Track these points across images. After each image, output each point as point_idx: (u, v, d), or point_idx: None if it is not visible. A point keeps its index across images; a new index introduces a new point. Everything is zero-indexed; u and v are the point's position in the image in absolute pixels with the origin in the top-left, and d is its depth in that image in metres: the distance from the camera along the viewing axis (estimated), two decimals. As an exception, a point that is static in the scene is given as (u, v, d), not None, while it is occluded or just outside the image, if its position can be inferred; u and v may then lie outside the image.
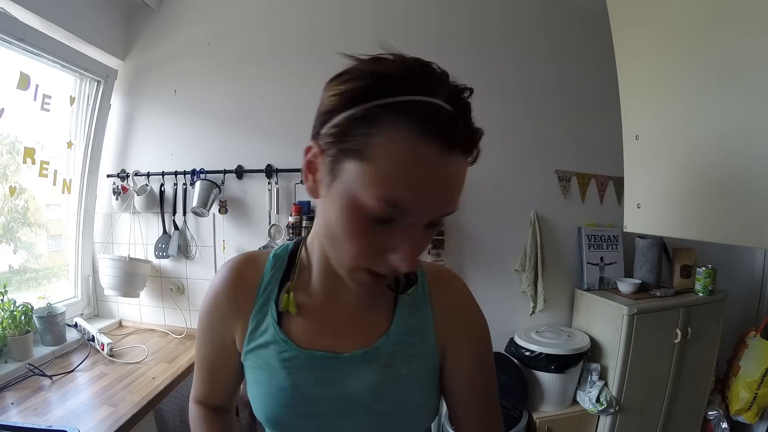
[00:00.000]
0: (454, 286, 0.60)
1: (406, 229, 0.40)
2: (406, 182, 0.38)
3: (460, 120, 0.39)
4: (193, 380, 0.66)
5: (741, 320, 2.03)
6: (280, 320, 0.55)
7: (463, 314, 0.58)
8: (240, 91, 1.72)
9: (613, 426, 1.60)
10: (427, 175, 0.38)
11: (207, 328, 0.60)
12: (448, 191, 0.40)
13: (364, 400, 0.52)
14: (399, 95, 0.37)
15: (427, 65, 0.40)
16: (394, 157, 0.37)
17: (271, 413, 0.54)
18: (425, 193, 0.39)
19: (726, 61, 0.81)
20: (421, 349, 0.55)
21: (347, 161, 0.39)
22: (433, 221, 0.42)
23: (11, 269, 1.54)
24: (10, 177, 1.51)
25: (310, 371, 0.52)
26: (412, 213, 0.39)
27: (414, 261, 0.41)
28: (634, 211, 1.07)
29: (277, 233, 1.69)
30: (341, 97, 0.40)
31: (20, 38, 1.32)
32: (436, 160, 0.38)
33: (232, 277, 0.58)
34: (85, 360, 1.42)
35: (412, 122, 0.37)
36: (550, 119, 1.78)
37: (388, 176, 0.38)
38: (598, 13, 1.18)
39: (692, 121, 0.90)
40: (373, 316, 0.55)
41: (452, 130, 0.38)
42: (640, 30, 1.01)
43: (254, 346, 0.55)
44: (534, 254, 1.74)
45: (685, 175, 0.93)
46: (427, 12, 1.71)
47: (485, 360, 0.59)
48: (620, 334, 1.56)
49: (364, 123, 0.38)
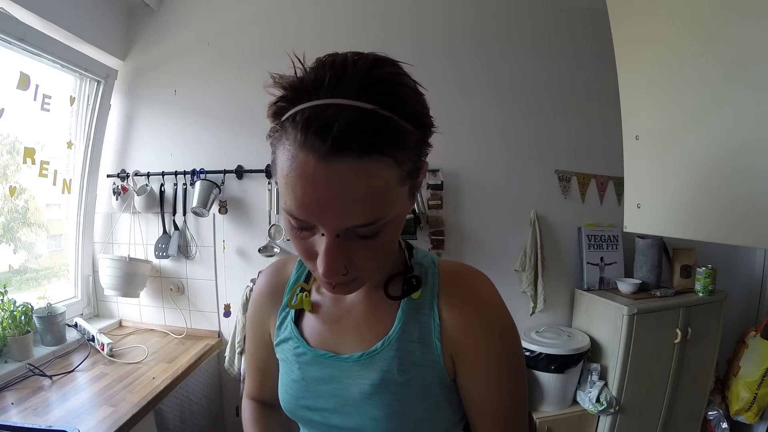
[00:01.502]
0: (471, 288, 0.53)
1: (320, 237, 0.40)
2: (291, 194, 0.38)
3: (343, 115, 0.35)
4: (246, 379, 0.73)
5: (741, 320, 2.03)
6: (298, 318, 0.59)
7: (478, 320, 0.50)
8: (240, 90, 1.72)
9: (613, 426, 1.60)
10: (306, 185, 0.36)
11: (251, 326, 0.67)
12: (335, 201, 0.37)
13: (359, 402, 0.52)
14: (293, 107, 0.38)
15: (324, 63, 0.38)
16: (283, 171, 0.38)
17: (285, 402, 0.58)
18: (311, 204, 0.37)
19: (727, 59, 0.81)
20: (423, 358, 0.51)
21: (274, 166, 0.42)
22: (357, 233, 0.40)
23: (11, 269, 1.54)
24: (10, 177, 1.50)
25: (316, 368, 0.55)
26: (310, 222, 0.39)
27: (329, 269, 0.40)
28: (634, 211, 1.06)
29: (277, 233, 1.69)
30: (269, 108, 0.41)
31: (20, 38, 1.32)
32: (313, 167, 0.35)
33: (268, 280, 0.65)
34: (85, 360, 1.42)
35: (296, 131, 0.36)
36: (551, 119, 1.78)
37: (281, 188, 0.40)
38: (599, 13, 1.18)
39: (692, 120, 0.90)
40: (376, 319, 0.54)
41: (327, 131, 0.34)
42: (639, 28, 1.01)
43: (278, 341, 0.60)
44: (534, 254, 1.74)
45: (685, 175, 0.92)
46: (430, 11, 1.71)
47: (505, 374, 0.51)
48: (620, 334, 1.56)
49: (272, 139, 0.41)
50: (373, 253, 0.42)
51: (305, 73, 0.39)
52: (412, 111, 0.39)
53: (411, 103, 0.39)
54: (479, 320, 0.50)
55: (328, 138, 0.34)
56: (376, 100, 0.36)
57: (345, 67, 0.37)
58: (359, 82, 0.36)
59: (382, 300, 0.53)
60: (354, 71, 0.36)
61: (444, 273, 0.54)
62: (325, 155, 0.35)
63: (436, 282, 0.53)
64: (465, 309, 0.51)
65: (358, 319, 0.55)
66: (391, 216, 0.40)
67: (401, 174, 0.39)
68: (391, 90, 0.38)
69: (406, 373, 0.51)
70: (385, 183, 0.38)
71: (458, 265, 0.56)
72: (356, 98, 0.36)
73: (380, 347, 0.52)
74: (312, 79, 0.37)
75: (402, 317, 0.52)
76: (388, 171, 0.38)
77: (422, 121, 0.41)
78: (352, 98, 0.36)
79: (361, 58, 0.38)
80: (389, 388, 0.51)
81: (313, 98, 0.36)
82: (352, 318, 0.56)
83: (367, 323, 0.54)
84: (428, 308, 0.52)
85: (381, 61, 0.39)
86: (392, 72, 0.39)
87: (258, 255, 1.70)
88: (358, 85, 0.36)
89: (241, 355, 1.61)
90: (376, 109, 0.36)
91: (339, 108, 0.35)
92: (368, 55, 0.38)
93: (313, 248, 0.42)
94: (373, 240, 0.41)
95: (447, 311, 0.51)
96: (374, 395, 0.51)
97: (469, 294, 0.52)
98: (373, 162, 0.36)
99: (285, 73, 0.40)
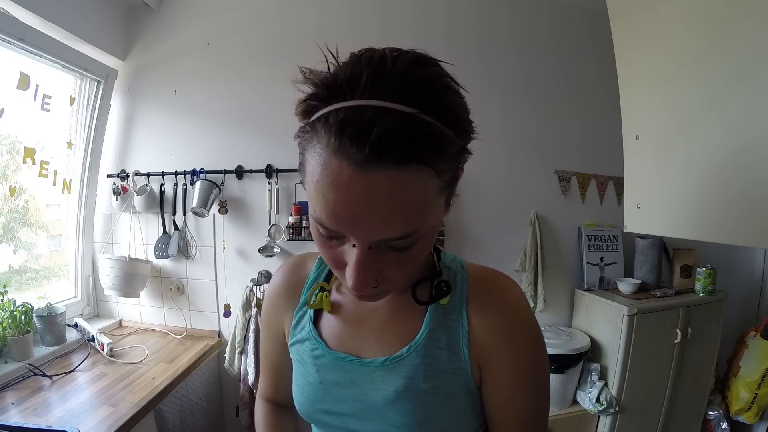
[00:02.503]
0: (501, 295, 0.51)
1: (351, 247, 0.38)
2: (322, 202, 0.35)
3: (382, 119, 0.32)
4: (260, 379, 0.71)
5: (741, 320, 2.03)
6: (316, 319, 0.57)
7: (507, 328, 0.49)
8: (240, 90, 1.72)
9: (613, 426, 1.60)
10: (339, 194, 0.34)
11: (266, 324, 0.64)
12: (370, 213, 0.34)
13: (381, 408, 0.50)
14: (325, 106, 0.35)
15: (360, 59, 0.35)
16: (314, 176, 0.36)
17: (301, 405, 0.56)
18: (344, 214, 0.35)
19: (728, 58, 0.80)
20: (450, 365, 0.49)
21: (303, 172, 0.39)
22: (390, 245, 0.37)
23: (11, 269, 1.54)
24: (10, 177, 1.50)
25: (335, 371, 0.53)
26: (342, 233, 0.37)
27: (360, 282, 0.38)
28: (634, 211, 1.06)
29: (277, 233, 1.69)
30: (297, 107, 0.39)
31: (20, 38, 1.32)
32: (347, 176, 0.33)
33: (284, 277, 0.62)
34: (85, 360, 1.42)
35: (329, 134, 0.33)
36: (551, 119, 1.79)
37: (311, 194, 0.37)
38: (599, 13, 1.18)
39: (692, 120, 0.90)
40: (402, 323, 0.52)
41: (365, 136, 0.31)
42: (639, 24, 1.01)
43: (294, 341, 0.58)
44: (534, 254, 1.74)
45: (685, 175, 0.92)
46: (432, 10, 1.72)
47: (531, 382, 0.50)
48: (620, 334, 1.56)
49: (301, 139, 0.38)
50: (404, 267, 0.40)
51: (339, 69, 0.36)
52: (454, 116, 0.36)
53: (454, 108, 0.36)
54: (509, 327, 0.49)
55: (366, 144, 0.31)
56: (418, 104, 0.33)
57: (384, 65, 0.34)
58: (399, 82, 0.33)
59: (407, 303, 0.51)
60: (393, 70, 0.33)
61: (473, 278, 0.52)
62: (362, 163, 0.32)
63: (465, 287, 0.51)
64: (495, 316, 0.49)
65: (381, 322, 0.53)
66: (426, 228, 0.38)
67: (440, 184, 0.37)
68: (434, 93, 0.35)
69: (433, 380, 0.49)
70: (423, 194, 0.35)
71: (487, 270, 0.54)
72: (396, 100, 0.33)
73: (406, 352, 0.49)
74: (347, 76, 0.34)
75: (429, 322, 0.50)
76: (427, 181, 0.35)
77: (464, 127, 0.38)
78: (391, 100, 0.33)
79: (401, 56, 0.35)
80: (414, 394, 0.49)
81: (347, 98, 0.34)
82: (375, 321, 0.53)
83: (392, 327, 0.52)
84: (457, 314, 0.50)
85: (422, 59, 0.36)
86: (434, 73, 0.36)
87: (258, 255, 1.70)
88: (398, 86, 0.33)
89: (241, 355, 1.61)
90: (417, 114, 0.33)
91: (377, 111, 0.32)
92: (408, 53, 0.35)
93: (341, 258, 0.40)
94: (406, 252, 0.39)
95: (476, 317, 0.49)
96: (398, 401, 0.49)
97: (499, 300, 0.50)
98: (412, 172, 0.33)
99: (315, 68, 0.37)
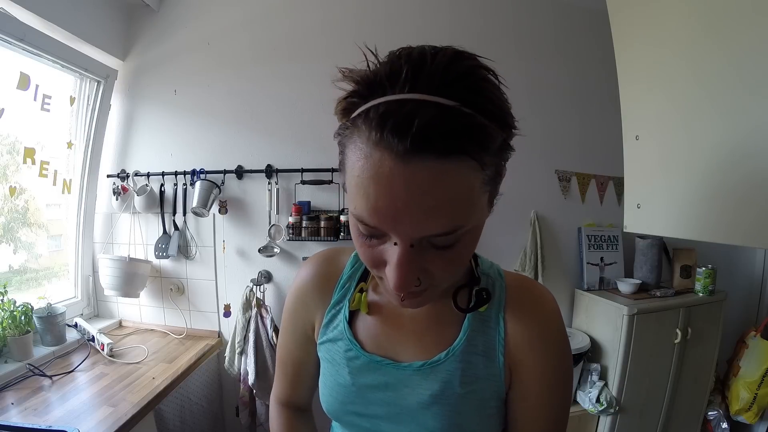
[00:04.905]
0: (537, 304, 0.52)
1: (392, 246, 0.37)
2: (363, 197, 0.35)
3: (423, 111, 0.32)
4: (275, 380, 0.67)
5: (741, 320, 2.03)
6: (351, 319, 0.56)
7: (541, 336, 0.50)
8: (240, 90, 1.72)
9: (613, 426, 1.60)
10: (381, 188, 0.34)
11: (291, 320, 0.61)
12: (413, 207, 0.33)
13: (415, 412, 0.50)
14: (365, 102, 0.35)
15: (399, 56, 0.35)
16: (354, 171, 0.36)
17: (330, 405, 0.55)
18: (386, 209, 0.34)
19: (729, 57, 0.80)
20: (486, 371, 0.50)
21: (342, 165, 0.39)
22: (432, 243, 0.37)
23: (11, 269, 1.54)
24: (10, 177, 1.50)
25: (369, 373, 0.52)
26: (383, 230, 0.36)
27: (402, 281, 0.37)
28: (634, 211, 1.06)
29: (277, 233, 1.69)
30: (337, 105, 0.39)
31: (20, 38, 1.32)
32: (389, 169, 0.33)
33: (316, 271, 0.59)
34: (85, 360, 1.42)
35: (370, 129, 0.33)
36: (551, 119, 1.78)
37: (351, 191, 0.37)
38: (599, 13, 1.18)
39: (692, 120, 0.90)
40: (440, 328, 0.52)
41: (406, 128, 0.31)
42: (639, 20, 1.01)
43: (325, 340, 0.57)
44: (534, 254, 1.74)
45: (685, 175, 0.92)
46: (434, 11, 1.71)
47: (557, 390, 0.51)
48: (620, 335, 1.56)
49: (342, 137, 0.38)
50: (448, 266, 0.39)
51: (378, 66, 0.36)
52: (496, 109, 0.36)
53: (495, 101, 0.36)
54: (544, 337, 0.50)
55: (407, 136, 0.31)
56: (459, 97, 0.33)
57: (423, 60, 0.34)
58: (440, 76, 0.33)
59: (445, 309, 0.51)
60: (433, 64, 0.34)
61: (511, 286, 0.53)
62: (403, 155, 0.32)
63: (503, 295, 0.52)
64: (530, 324, 0.50)
65: (420, 327, 0.53)
66: (470, 225, 0.37)
67: (484, 178, 0.36)
68: (475, 86, 0.34)
69: (468, 386, 0.49)
70: (467, 188, 0.35)
71: (524, 278, 0.55)
72: (437, 93, 0.33)
73: (444, 357, 0.50)
74: (387, 72, 0.34)
75: (468, 329, 0.51)
76: (471, 174, 0.34)
77: (507, 120, 0.37)
78: (432, 93, 0.33)
79: (440, 51, 0.35)
80: (449, 399, 0.49)
81: (388, 93, 0.34)
82: (413, 324, 0.53)
83: (430, 332, 0.52)
84: (494, 322, 0.51)
85: (461, 54, 0.36)
86: (474, 65, 0.36)
87: (258, 255, 1.70)
88: (439, 80, 0.33)
89: (241, 355, 1.61)
90: (458, 106, 0.33)
91: (418, 103, 0.32)
92: (447, 48, 0.35)
93: (381, 257, 0.39)
94: (450, 251, 0.38)
95: (512, 325, 0.50)
96: (433, 406, 0.49)
97: (535, 310, 0.51)
98: (455, 163, 0.33)
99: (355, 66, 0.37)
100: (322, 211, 1.68)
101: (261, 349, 1.60)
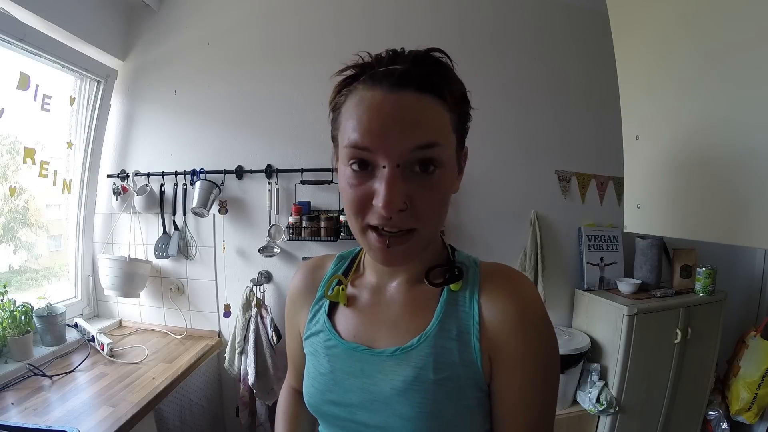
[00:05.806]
0: (513, 287, 0.51)
1: (381, 171, 0.44)
2: (358, 124, 0.44)
3: (407, 65, 0.44)
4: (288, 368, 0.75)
5: (741, 320, 2.03)
6: (331, 312, 0.60)
7: (519, 319, 0.48)
8: (240, 91, 1.72)
9: (613, 426, 1.60)
10: (373, 112, 0.43)
11: (288, 320, 0.69)
12: (400, 122, 0.43)
13: (389, 399, 0.50)
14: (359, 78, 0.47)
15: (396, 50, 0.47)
16: (351, 111, 0.46)
17: (311, 397, 0.58)
18: (375, 127, 0.43)
19: (729, 57, 0.80)
20: (460, 356, 0.49)
21: (336, 132, 0.49)
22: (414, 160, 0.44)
23: (11, 269, 1.54)
24: (10, 177, 1.50)
25: (347, 361, 0.55)
26: (374, 151, 0.44)
27: (390, 200, 0.43)
28: (634, 211, 1.06)
29: (277, 233, 1.69)
30: (335, 87, 0.49)
31: (20, 38, 1.32)
32: (380, 98, 0.43)
33: (303, 275, 0.67)
34: (85, 360, 1.42)
35: (365, 83, 0.45)
36: (551, 119, 1.78)
37: (349, 127, 0.45)
38: (599, 13, 1.18)
39: (692, 120, 0.90)
40: (414, 315, 0.53)
41: (392, 73, 0.44)
42: (639, 18, 1.01)
43: (309, 334, 0.61)
44: (534, 254, 1.74)
45: (685, 175, 0.92)
46: (434, 11, 1.71)
47: (542, 377, 0.49)
48: (620, 335, 1.56)
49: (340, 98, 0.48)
50: (430, 196, 0.46)
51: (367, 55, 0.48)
52: (456, 81, 0.48)
53: (456, 78, 0.48)
54: (521, 319, 0.48)
55: (394, 75, 0.43)
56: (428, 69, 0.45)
57: (402, 51, 0.47)
58: (412, 57, 0.46)
59: (421, 295, 0.54)
60: (409, 53, 0.46)
61: (486, 271, 0.54)
62: (391, 88, 0.43)
63: (477, 279, 0.53)
64: (506, 307, 0.49)
65: (395, 313, 0.55)
66: (445, 153, 0.46)
67: (451, 118, 0.46)
68: (440, 67, 0.46)
69: (442, 372, 0.49)
70: (439, 115, 0.45)
71: (501, 265, 0.56)
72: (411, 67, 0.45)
73: (416, 342, 0.51)
74: (374, 57, 0.47)
75: (441, 313, 0.51)
76: (441, 109, 0.45)
77: (463, 92, 0.49)
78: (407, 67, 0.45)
79: (416, 50, 0.47)
80: (422, 386, 0.49)
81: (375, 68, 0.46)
82: (389, 312, 0.55)
83: (404, 318, 0.54)
84: (468, 306, 0.51)
85: (434, 50, 0.47)
86: (443, 57, 0.47)
87: (258, 255, 1.70)
88: (412, 59, 0.45)
89: (241, 355, 1.61)
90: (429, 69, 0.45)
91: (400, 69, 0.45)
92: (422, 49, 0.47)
93: (370, 191, 0.45)
94: (429, 180, 0.45)
95: (487, 308, 0.50)
96: (406, 392, 0.49)
97: (510, 292, 0.51)
98: (429, 98, 0.44)
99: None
100: (322, 211, 1.68)
101: (261, 349, 1.60)
